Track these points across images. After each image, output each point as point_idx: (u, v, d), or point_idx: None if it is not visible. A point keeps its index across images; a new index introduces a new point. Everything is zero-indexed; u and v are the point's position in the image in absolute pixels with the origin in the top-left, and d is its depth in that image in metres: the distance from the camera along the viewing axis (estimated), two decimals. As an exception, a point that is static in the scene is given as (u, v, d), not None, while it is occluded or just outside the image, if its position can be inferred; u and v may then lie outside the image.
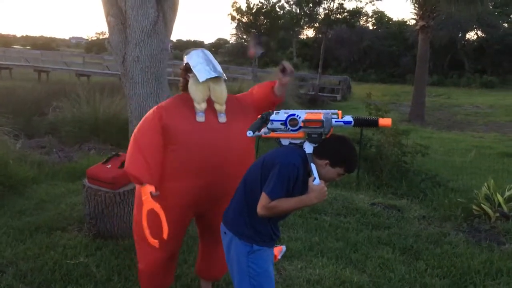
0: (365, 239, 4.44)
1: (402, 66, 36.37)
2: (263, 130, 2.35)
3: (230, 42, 50.14)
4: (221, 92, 2.63)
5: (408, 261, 4.00)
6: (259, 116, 2.36)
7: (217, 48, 52.30)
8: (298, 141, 2.30)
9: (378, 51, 38.90)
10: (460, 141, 12.02)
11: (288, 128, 2.30)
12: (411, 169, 6.57)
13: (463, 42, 38.22)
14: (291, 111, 2.33)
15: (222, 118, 2.64)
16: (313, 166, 2.23)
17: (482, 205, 4.94)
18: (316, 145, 2.25)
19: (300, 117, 2.27)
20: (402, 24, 40.48)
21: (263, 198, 2.20)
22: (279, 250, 3.74)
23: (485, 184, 5.24)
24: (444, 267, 3.87)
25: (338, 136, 2.31)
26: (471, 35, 39.04)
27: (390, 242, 4.37)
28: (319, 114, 2.26)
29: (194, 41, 65.00)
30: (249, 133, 2.32)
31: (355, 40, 38.51)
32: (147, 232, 2.49)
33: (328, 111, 2.30)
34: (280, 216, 2.36)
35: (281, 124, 2.31)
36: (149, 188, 2.48)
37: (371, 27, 44.04)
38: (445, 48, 35.14)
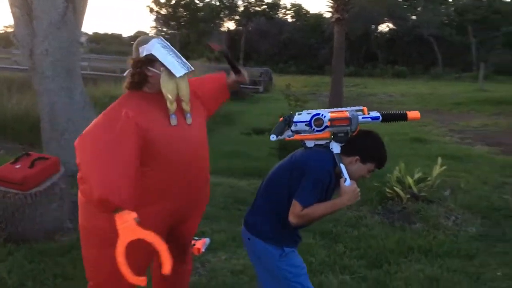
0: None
1: (321, 57, 37.47)
2: (287, 133, 2.26)
3: (150, 35, 48.91)
4: (187, 89, 2.26)
5: (328, 245, 4.15)
6: (281, 118, 2.26)
7: (136, 41, 50.79)
8: (323, 142, 2.22)
9: (297, 43, 39.78)
10: (376, 128, 12.54)
11: (313, 129, 2.20)
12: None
13: (376, 34, 40.13)
14: (314, 111, 2.24)
15: (189, 119, 2.28)
16: (342, 167, 2.16)
17: (394, 187, 5.24)
18: (343, 144, 2.19)
19: (325, 117, 2.18)
20: (319, 17, 41.64)
21: (296, 207, 2.13)
22: (203, 243, 3.72)
23: (397, 168, 5.55)
24: (361, 248, 4.06)
25: (365, 131, 2.25)
26: (383, 28, 41.12)
27: (311, 229, 4.48)
28: (344, 112, 2.20)
29: (111, 34, 62.71)
30: (273, 137, 2.24)
31: (275, 32, 39.13)
32: (126, 270, 1.90)
33: (352, 108, 2.24)
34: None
35: (306, 125, 2.21)
36: (132, 215, 1.92)
37: (290, 20, 44.93)
38: (360, 40, 36.71)
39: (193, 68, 2.26)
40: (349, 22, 20.38)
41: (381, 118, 2.21)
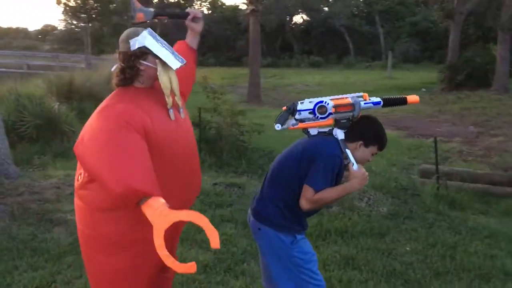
0: (209, 218, 4.54)
1: (238, 49, 37.64)
2: (290, 122, 2.26)
3: (59, 28, 46.50)
4: (177, 82, 2.15)
5: (250, 234, 4.20)
6: (284, 108, 2.26)
7: (45, 35, 48.13)
8: (326, 129, 2.24)
9: (214, 35, 39.62)
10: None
11: (317, 116, 2.21)
12: (249, 148, 6.90)
13: (291, 25, 41.00)
14: (316, 99, 2.24)
15: (182, 113, 2.20)
16: (348, 152, 2.19)
17: (312, 174, 5.42)
18: (345, 130, 2.21)
19: (328, 104, 2.20)
20: (235, 8, 41.77)
21: (308, 192, 2.15)
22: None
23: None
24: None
25: (365, 116, 2.29)
26: (298, 19, 42.14)
27: (233, 219, 4.55)
28: (346, 99, 2.23)
29: (16, 28, 58.84)
30: (278, 126, 2.23)
31: (191, 24, 38.71)
32: (173, 261, 1.69)
33: (353, 94, 2.27)
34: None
35: (309, 113, 2.22)
36: (160, 200, 1.76)
37: (206, 12, 44.63)
38: (276, 31, 37.33)
39: (185, 61, 2.12)
40: (264, 14, 20.67)
41: (382, 103, 2.26)
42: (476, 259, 3.77)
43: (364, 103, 2.23)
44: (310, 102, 2.23)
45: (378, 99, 2.25)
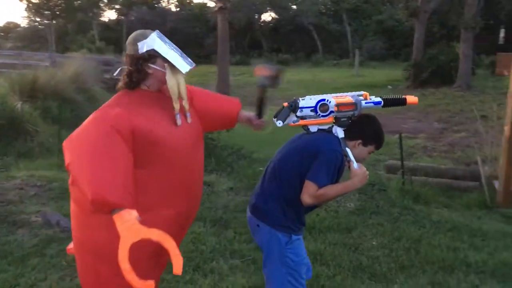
0: (178, 217, 4.54)
1: (207, 47, 37.45)
2: (291, 118, 2.25)
3: (22, 25, 45.25)
4: (185, 86, 2.08)
5: (219, 232, 4.21)
6: (285, 104, 2.24)
7: (7, 32, 46.70)
8: (326, 127, 2.25)
9: (183, 33, 39.29)
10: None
11: (319, 114, 2.22)
12: (218, 145, 6.88)
13: (259, 23, 41.06)
14: (317, 97, 2.23)
15: (189, 118, 2.13)
16: (348, 150, 2.21)
17: (280, 171, 5.45)
18: (345, 128, 2.23)
19: (330, 102, 2.20)
20: (203, 6, 41.59)
21: (310, 187, 2.15)
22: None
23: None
24: (249, 232, 4.16)
25: (365, 115, 2.29)
26: (266, 17, 42.25)
27: (202, 217, 4.53)
28: (347, 97, 2.24)
29: (-24, 25, 56.86)
30: (279, 123, 2.22)
31: (159, 22, 38.28)
32: (133, 277, 1.68)
33: (354, 93, 2.27)
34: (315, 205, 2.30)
35: (311, 110, 2.22)
36: (132, 213, 1.73)
37: (173, 9, 44.26)
38: (244, 29, 37.34)
39: (194, 64, 2.07)
40: (232, 11, 20.61)
41: (382, 103, 2.28)
42: (440, 252, 3.87)
43: (365, 103, 2.25)
44: (311, 99, 2.24)
45: (379, 99, 2.28)
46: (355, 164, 2.20)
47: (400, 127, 11.17)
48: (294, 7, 39.98)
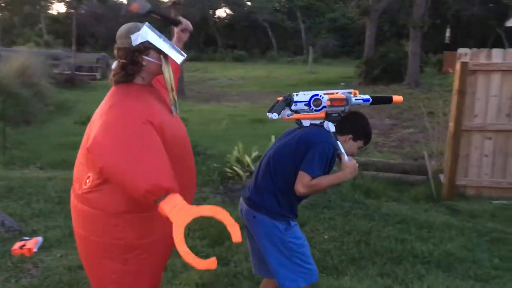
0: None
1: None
2: (285, 112, 2.33)
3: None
4: (173, 78, 2.10)
5: (172, 229, 4.16)
6: (280, 98, 2.33)
7: None
8: (318, 122, 2.35)
9: (136, 27, 38.59)
10: (217, 111, 12.92)
11: (312, 109, 2.32)
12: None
13: (214, 19, 40.84)
14: (310, 92, 2.33)
15: (178, 109, 2.18)
16: (339, 144, 2.32)
17: (234, 167, 5.45)
18: (335, 123, 2.33)
19: (323, 97, 2.31)
20: (156, 0, 40.84)
21: (304, 177, 2.25)
22: (35, 243, 3.46)
23: (236, 148, 5.78)
24: (204, 228, 4.15)
25: (354, 111, 2.44)
26: (221, 13, 42.07)
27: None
28: (338, 93, 2.34)
29: None
30: (275, 116, 2.30)
31: (111, 16, 37.37)
32: (194, 258, 1.69)
33: (344, 90, 2.38)
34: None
35: (305, 105, 2.32)
36: (179, 197, 1.77)
37: (125, 3, 43.28)
38: (199, 25, 36.96)
39: (185, 55, 2.07)
40: (186, 7, 20.38)
41: (371, 100, 2.38)
42: (388, 244, 3.99)
43: (355, 99, 2.36)
44: (304, 94, 2.34)
45: (367, 96, 2.39)
46: (346, 157, 2.32)
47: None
48: (249, 3, 40.02)
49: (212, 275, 3.39)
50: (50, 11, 40.60)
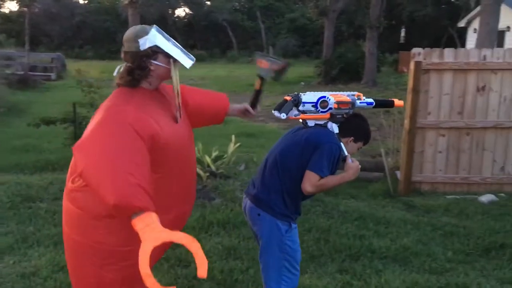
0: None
1: (119, 42, 35.98)
2: (292, 112, 2.37)
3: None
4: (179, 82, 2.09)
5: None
6: (288, 98, 2.36)
7: None
8: (322, 122, 2.41)
9: (92, 26, 37.68)
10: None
11: (319, 110, 2.38)
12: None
13: (174, 18, 40.40)
14: (318, 93, 2.38)
15: (182, 114, 2.15)
16: (342, 145, 2.40)
17: (194, 167, 5.40)
18: (338, 125, 2.41)
19: (330, 99, 2.37)
20: (116, 0, 40.08)
21: (312, 177, 2.31)
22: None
23: (196, 148, 5.73)
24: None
25: (356, 114, 2.50)
26: (180, 12, 41.67)
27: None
28: (344, 96, 2.41)
29: None
30: (283, 115, 2.33)
31: (66, 15, 36.38)
32: (154, 282, 1.63)
33: (349, 92, 2.46)
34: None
35: (312, 106, 2.37)
36: (154, 216, 1.69)
37: (81, 2, 42.24)
38: (158, 24, 35.48)
39: (195, 59, 2.06)
40: (144, 5, 20.08)
41: (374, 103, 2.49)
42: (347, 240, 4.05)
43: (360, 102, 2.46)
44: (313, 95, 2.40)
45: (371, 100, 2.49)
46: (349, 159, 2.40)
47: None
48: (208, 3, 39.81)
49: (173, 277, 3.36)
50: (1, 10, 39.11)
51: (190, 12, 40.42)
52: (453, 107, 5.70)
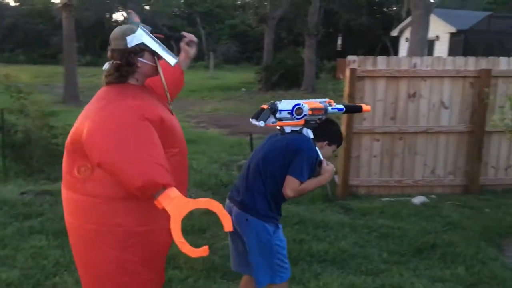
0: (15, 232, 4.13)
1: (53, 46, 34.79)
2: (271, 119, 2.46)
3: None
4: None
5: (64, 244, 3.91)
6: (266, 106, 2.46)
7: None
8: (297, 128, 2.51)
9: (24, 29, 36.02)
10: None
11: (294, 117, 2.47)
12: (63, 151, 6.39)
13: (111, 22, 39.39)
14: (293, 101, 2.48)
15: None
16: (318, 150, 2.50)
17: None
18: (312, 130, 2.52)
19: (304, 106, 2.46)
20: (47, 1, 38.54)
21: (293, 182, 2.44)
22: None
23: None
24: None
25: (328, 119, 2.62)
26: (118, 16, 40.69)
27: (43, 230, 4.19)
28: (317, 103, 2.53)
29: None
30: (261, 123, 2.42)
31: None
32: (189, 248, 1.80)
33: (322, 99, 2.58)
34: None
35: (288, 113, 2.46)
36: (175, 190, 1.83)
37: (12, 4, 40.31)
38: (95, 28, 35.47)
39: (177, 58, 2.18)
40: (80, 9, 19.45)
41: (344, 109, 2.64)
42: (287, 245, 4.07)
43: (331, 108, 2.57)
44: (287, 103, 2.49)
45: (341, 106, 2.63)
46: (325, 162, 2.53)
47: (254, 128, 11.58)
48: (148, 8, 39.17)
49: None
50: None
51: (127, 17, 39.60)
52: (386, 113, 5.91)
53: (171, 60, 2.12)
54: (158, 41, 2.14)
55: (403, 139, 5.98)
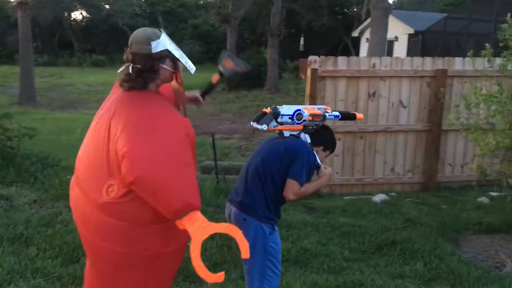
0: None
1: (9, 45, 33.58)
2: (273, 123, 2.52)
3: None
4: None
5: (18, 250, 3.79)
6: (268, 110, 2.54)
7: None
8: (295, 133, 2.59)
9: (-23, 28, 34.64)
10: (74, 120, 12.11)
11: (294, 122, 2.54)
12: (18, 154, 6.18)
13: (70, 21, 38.41)
14: (294, 107, 2.55)
15: None
16: (315, 154, 2.58)
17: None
18: (310, 135, 2.59)
19: (304, 112, 2.54)
20: (2, 1, 37.20)
21: (295, 185, 2.50)
22: None
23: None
24: (56, 247, 3.85)
25: (324, 125, 2.69)
26: (77, 15, 39.71)
27: (-3, 235, 4.03)
28: (315, 109, 2.61)
29: None
30: (264, 127, 2.47)
31: None
32: (206, 272, 1.81)
33: (320, 106, 2.69)
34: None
35: (289, 118, 2.54)
36: (199, 213, 1.85)
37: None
38: (52, 27, 34.48)
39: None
40: (36, 7, 18.89)
41: (340, 116, 2.73)
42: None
43: (328, 115, 2.67)
44: (288, 108, 2.56)
45: (337, 113, 2.73)
46: (323, 166, 2.61)
47: (216, 128, 11.56)
48: (107, 6, 38.40)
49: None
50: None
51: (88, 16, 38.72)
52: (347, 112, 5.99)
53: (191, 68, 2.17)
54: (178, 48, 2.16)
55: (363, 138, 6.08)
